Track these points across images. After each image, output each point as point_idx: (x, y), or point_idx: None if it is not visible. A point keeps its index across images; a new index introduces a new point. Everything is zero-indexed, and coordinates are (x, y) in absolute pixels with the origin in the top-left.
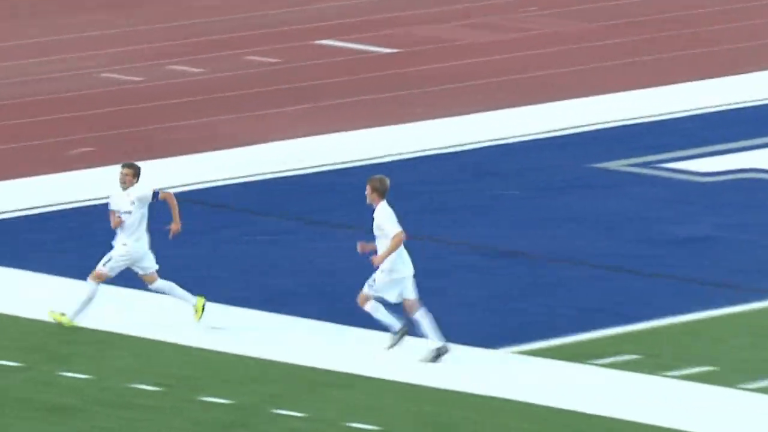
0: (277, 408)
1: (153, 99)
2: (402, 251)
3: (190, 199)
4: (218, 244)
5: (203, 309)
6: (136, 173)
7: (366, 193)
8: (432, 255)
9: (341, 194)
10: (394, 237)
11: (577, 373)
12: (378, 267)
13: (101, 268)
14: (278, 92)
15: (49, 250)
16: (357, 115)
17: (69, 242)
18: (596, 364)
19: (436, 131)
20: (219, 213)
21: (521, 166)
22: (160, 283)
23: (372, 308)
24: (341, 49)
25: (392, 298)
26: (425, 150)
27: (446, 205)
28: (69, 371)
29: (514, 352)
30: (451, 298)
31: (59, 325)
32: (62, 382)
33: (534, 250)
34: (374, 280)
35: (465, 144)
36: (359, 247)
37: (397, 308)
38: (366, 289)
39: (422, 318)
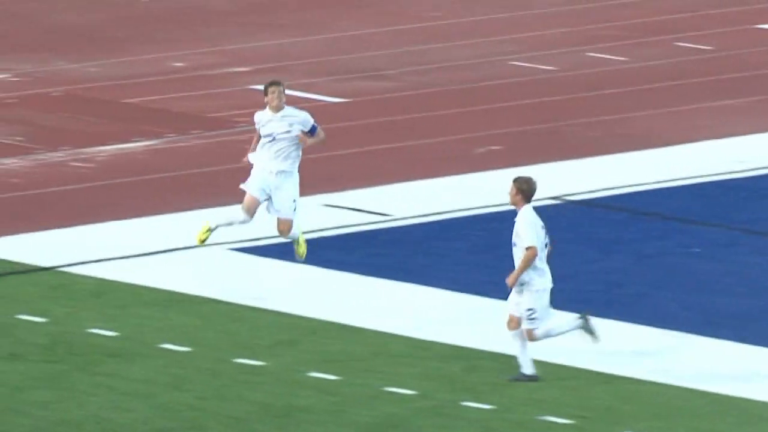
0: None
1: (569, 91)
2: (537, 264)
3: (611, 206)
4: (644, 257)
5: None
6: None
7: (509, 194)
8: None
9: None
10: (526, 249)
11: None
12: (512, 289)
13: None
14: (713, 83)
15: (454, 263)
16: None
17: (476, 255)
18: None
19: None
20: (644, 221)
21: None
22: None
23: (543, 334)
24: None
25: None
26: None
27: None
28: (473, 401)
29: None
30: None
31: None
32: (465, 414)
33: None
34: (531, 311)
35: None
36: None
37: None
38: (528, 326)
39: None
